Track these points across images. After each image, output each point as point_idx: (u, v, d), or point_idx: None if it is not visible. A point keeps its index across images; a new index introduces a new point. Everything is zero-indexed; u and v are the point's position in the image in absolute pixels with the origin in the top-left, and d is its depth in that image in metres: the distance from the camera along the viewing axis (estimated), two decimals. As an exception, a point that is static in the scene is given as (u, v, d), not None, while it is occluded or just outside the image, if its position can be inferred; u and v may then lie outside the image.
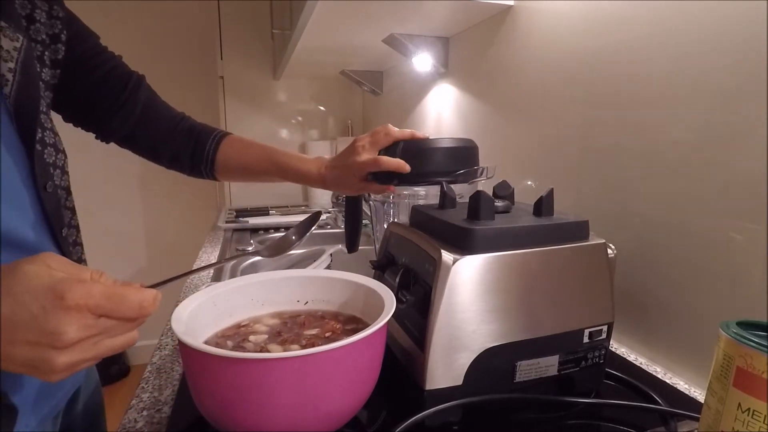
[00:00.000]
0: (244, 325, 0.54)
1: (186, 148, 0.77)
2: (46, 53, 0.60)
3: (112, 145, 0.76)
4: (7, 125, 0.50)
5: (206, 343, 0.50)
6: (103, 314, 0.33)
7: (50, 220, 0.54)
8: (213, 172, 0.78)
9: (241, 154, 0.78)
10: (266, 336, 0.51)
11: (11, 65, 0.51)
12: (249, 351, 0.48)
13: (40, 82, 0.57)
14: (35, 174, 0.52)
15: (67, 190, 0.59)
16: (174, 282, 0.44)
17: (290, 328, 0.53)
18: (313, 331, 0.51)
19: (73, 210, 0.60)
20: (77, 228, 0.61)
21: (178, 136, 0.77)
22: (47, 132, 0.55)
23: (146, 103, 0.74)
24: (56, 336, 0.31)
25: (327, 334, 0.50)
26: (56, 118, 0.61)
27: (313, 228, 0.55)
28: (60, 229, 0.56)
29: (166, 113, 0.78)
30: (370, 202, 0.85)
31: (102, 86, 0.69)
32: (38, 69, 0.58)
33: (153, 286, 0.37)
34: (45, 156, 0.54)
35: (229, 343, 0.50)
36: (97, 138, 0.73)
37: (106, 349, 0.34)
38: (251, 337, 0.51)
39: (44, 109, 0.57)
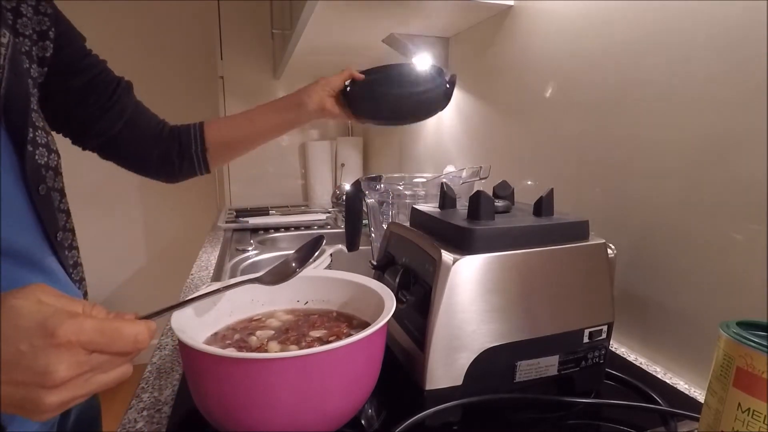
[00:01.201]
0: (257, 319, 0.54)
1: (173, 145, 0.78)
2: (34, 49, 0.58)
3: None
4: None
5: (213, 336, 0.51)
6: (95, 350, 0.31)
7: (44, 224, 0.52)
8: (205, 155, 0.79)
9: (226, 121, 0.82)
10: (272, 332, 0.51)
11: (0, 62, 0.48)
12: (252, 346, 0.48)
13: (29, 80, 0.55)
14: (27, 176, 0.50)
15: (61, 192, 0.57)
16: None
17: (300, 326, 0.53)
18: (319, 333, 0.51)
19: (68, 213, 0.58)
20: (72, 231, 0.60)
21: (164, 138, 0.78)
22: (39, 131, 0.53)
23: (135, 108, 0.75)
24: (46, 375, 0.29)
25: (331, 338, 0.50)
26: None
27: (316, 254, 0.54)
28: (55, 234, 0.54)
29: (152, 119, 0.79)
30: (367, 201, 0.85)
31: (89, 90, 0.68)
32: (27, 65, 0.56)
33: (148, 317, 0.36)
34: (37, 157, 0.52)
35: (236, 336, 0.50)
36: (74, 143, 0.71)
37: (98, 386, 0.32)
38: (258, 332, 0.51)
39: (35, 107, 0.54)
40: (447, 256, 0.46)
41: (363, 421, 0.49)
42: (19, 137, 0.50)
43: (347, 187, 0.78)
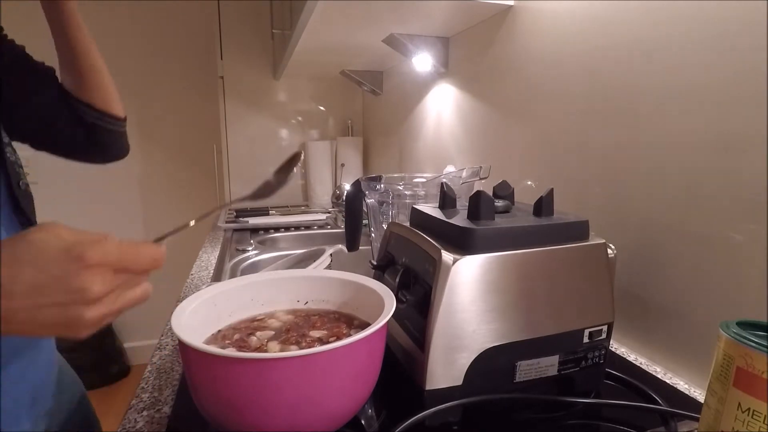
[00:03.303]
0: (258, 319, 0.54)
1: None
2: None
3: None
4: None
5: (213, 336, 0.51)
6: (120, 269, 0.34)
7: (28, 216, 0.54)
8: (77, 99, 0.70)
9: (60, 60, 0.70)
10: (273, 333, 0.51)
11: None
12: (252, 346, 0.48)
13: None
14: (8, 174, 0.52)
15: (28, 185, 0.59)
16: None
17: (300, 326, 0.53)
18: (319, 334, 0.51)
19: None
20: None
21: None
22: (2, 132, 0.54)
23: (60, 91, 0.69)
24: (83, 293, 0.32)
25: (331, 339, 0.50)
26: None
27: (294, 167, 0.54)
28: (35, 223, 0.55)
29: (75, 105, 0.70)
30: (367, 201, 0.85)
31: (13, 70, 0.65)
32: None
33: (158, 240, 0.39)
34: (8, 155, 0.53)
35: (236, 336, 0.50)
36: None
37: (126, 302, 0.36)
38: (258, 333, 0.51)
39: None
40: (447, 256, 0.46)
41: (363, 421, 0.49)
42: None
43: (347, 187, 0.78)
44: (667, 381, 0.59)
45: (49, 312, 0.33)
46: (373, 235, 0.87)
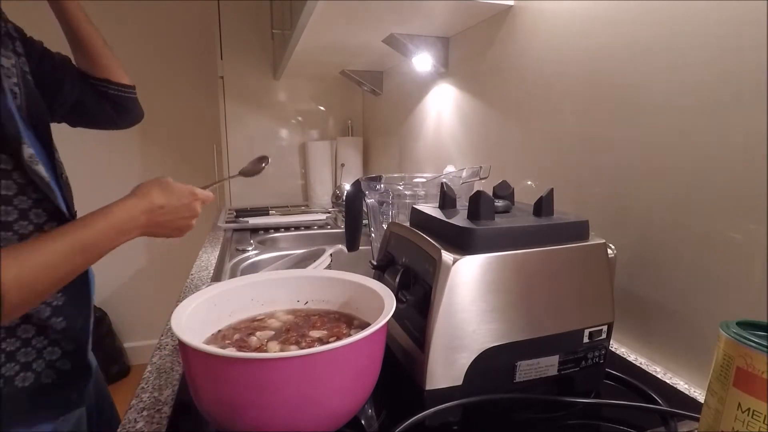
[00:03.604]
0: (258, 319, 0.55)
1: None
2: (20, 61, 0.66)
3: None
4: (28, 132, 0.59)
5: (213, 336, 0.51)
6: (200, 202, 0.70)
7: (67, 203, 0.66)
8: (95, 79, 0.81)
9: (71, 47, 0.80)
10: (272, 333, 0.51)
11: (15, 80, 0.61)
12: (252, 346, 0.48)
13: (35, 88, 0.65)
14: (55, 167, 0.65)
15: None
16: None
17: (300, 326, 0.53)
18: (319, 334, 0.51)
19: None
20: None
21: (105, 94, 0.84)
22: (50, 130, 0.66)
23: (79, 72, 0.80)
24: (195, 212, 0.69)
25: (331, 339, 0.50)
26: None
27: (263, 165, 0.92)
28: (72, 211, 0.68)
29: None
30: (367, 201, 0.85)
31: (43, 65, 0.73)
32: (29, 78, 0.65)
33: (205, 187, 0.73)
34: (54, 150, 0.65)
35: (236, 336, 0.50)
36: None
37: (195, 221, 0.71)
38: (258, 333, 0.51)
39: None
40: (447, 256, 0.46)
41: (363, 421, 0.49)
42: (47, 138, 0.64)
43: (347, 187, 0.79)
44: (667, 381, 0.59)
45: (180, 221, 0.67)
46: (373, 235, 0.87)
